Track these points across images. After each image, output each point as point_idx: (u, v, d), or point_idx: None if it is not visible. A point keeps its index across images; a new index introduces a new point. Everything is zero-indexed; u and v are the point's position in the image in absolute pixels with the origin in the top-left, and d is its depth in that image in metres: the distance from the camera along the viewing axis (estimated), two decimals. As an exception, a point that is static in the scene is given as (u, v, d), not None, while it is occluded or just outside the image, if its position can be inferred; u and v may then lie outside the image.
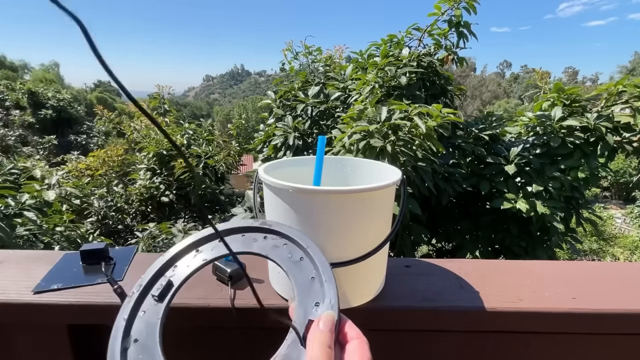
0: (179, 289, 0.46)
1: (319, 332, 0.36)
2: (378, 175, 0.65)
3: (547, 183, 2.51)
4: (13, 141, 15.92)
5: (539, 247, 2.71)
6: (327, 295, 0.40)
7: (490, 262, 0.72)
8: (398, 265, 0.68)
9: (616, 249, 12.08)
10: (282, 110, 3.61)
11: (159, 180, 4.21)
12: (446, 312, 0.57)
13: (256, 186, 0.62)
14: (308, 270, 0.43)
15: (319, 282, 0.41)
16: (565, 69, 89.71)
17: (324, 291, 0.40)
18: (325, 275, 0.41)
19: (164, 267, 0.47)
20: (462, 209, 3.05)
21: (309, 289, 0.41)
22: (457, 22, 2.91)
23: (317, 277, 0.42)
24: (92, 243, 0.71)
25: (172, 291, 0.45)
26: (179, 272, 0.47)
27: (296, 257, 0.45)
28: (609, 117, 2.56)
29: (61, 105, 26.19)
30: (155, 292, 0.44)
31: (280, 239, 0.47)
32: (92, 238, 3.26)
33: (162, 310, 0.43)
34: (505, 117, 3.21)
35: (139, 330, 0.41)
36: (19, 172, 3.09)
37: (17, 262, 0.68)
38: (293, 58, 3.93)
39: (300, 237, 0.46)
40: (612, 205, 20.86)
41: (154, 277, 0.46)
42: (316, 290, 0.41)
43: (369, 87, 2.81)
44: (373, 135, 2.14)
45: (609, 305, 0.57)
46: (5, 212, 2.13)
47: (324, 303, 0.39)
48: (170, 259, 0.48)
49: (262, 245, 0.47)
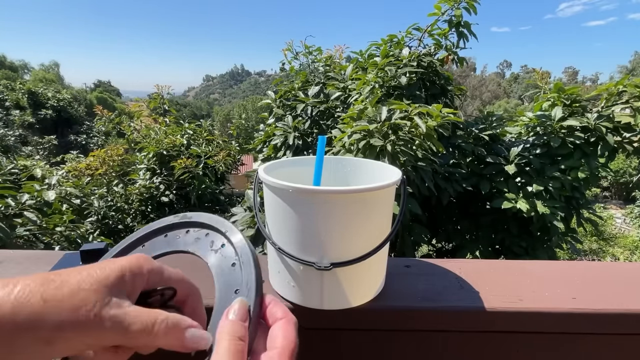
0: None
1: (228, 323, 0.32)
2: (378, 175, 0.65)
3: (547, 183, 2.51)
4: (13, 141, 15.93)
5: (539, 247, 2.72)
6: (243, 278, 0.36)
7: (490, 262, 0.72)
8: (398, 265, 0.68)
9: (616, 249, 12.08)
10: (282, 110, 3.61)
11: (159, 180, 4.21)
12: (446, 312, 0.57)
13: (256, 186, 0.62)
14: (229, 257, 0.40)
15: (239, 267, 0.38)
16: (565, 69, 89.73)
17: (242, 275, 0.37)
18: (243, 257, 0.38)
19: None
20: (462, 209, 3.05)
21: (229, 276, 0.38)
22: (458, 22, 2.92)
23: (237, 262, 0.38)
24: (92, 243, 0.71)
25: None
26: None
27: (217, 245, 0.41)
28: (609, 117, 2.56)
29: (61, 105, 26.20)
30: None
31: (201, 230, 0.44)
32: (92, 238, 3.26)
33: None
34: (505, 117, 3.21)
35: None
36: (19, 172, 3.09)
37: (17, 262, 0.68)
38: (293, 58, 3.93)
39: (221, 222, 0.42)
40: (612, 205, 20.86)
41: None
42: (236, 277, 0.38)
43: (369, 87, 2.81)
44: (373, 134, 2.14)
45: (609, 305, 0.57)
46: (5, 212, 2.13)
47: (241, 289, 0.36)
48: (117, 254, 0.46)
49: (184, 241, 0.44)
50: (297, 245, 0.52)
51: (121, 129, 4.85)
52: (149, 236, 0.45)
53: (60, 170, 3.79)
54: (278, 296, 0.58)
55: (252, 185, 2.71)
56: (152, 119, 5.11)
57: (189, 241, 0.43)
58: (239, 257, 0.38)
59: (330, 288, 0.53)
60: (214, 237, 0.42)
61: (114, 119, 5.03)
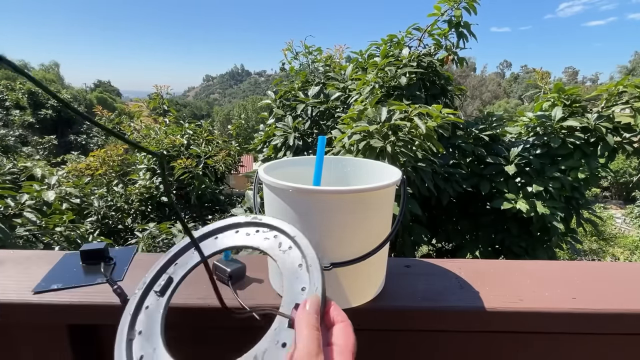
0: (179, 284, 0.48)
1: (306, 314, 0.36)
2: (378, 175, 0.65)
3: (547, 183, 2.51)
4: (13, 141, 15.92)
5: (539, 247, 2.71)
6: (312, 279, 0.41)
7: (490, 262, 0.72)
8: (398, 265, 0.68)
9: (616, 249, 12.08)
10: (282, 110, 3.61)
11: (159, 180, 4.21)
12: (446, 312, 0.57)
13: (256, 186, 0.62)
14: (296, 258, 0.44)
15: (305, 268, 0.42)
16: (565, 69, 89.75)
17: (310, 276, 0.41)
18: (310, 260, 0.42)
19: (166, 265, 0.50)
20: (462, 209, 3.05)
21: (296, 275, 0.42)
22: (457, 22, 2.91)
23: (304, 264, 0.43)
24: (92, 243, 0.71)
25: (173, 286, 0.48)
26: (178, 269, 0.49)
27: (285, 246, 0.46)
28: (610, 117, 2.56)
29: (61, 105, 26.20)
30: (157, 287, 0.48)
31: (270, 231, 0.49)
32: (92, 238, 3.26)
33: (164, 304, 0.46)
34: (505, 117, 3.21)
35: (142, 322, 0.44)
36: (19, 172, 3.09)
37: (17, 262, 0.68)
38: (293, 58, 3.93)
39: (289, 227, 0.47)
40: (612, 205, 20.86)
41: (156, 275, 0.49)
42: (302, 276, 0.42)
43: (369, 87, 2.81)
44: (373, 135, 2.14)
45: (609, 305, 0.57)
46: (5, 213, 2.13)
47: (309, 288, 0.40)
48: (171, 257, 0.51)
49: (254, 239, 0.49)
50: (297, 245, 0.52)
51: (121, 129, 4.84)
52: (222, 230, 0.51)
53: (60, 171, 3.79)
54: (279, 296, 0.58)
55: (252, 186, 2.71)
56: (152, 119, 5.11)
57: (259, 240, 0.48)
58: (306, 259, 0.43)
59: (330, 288, 0.53)
60: (282, 239, 0.47)
61: (114, 119, 5.03)
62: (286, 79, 4.22)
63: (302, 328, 0.35)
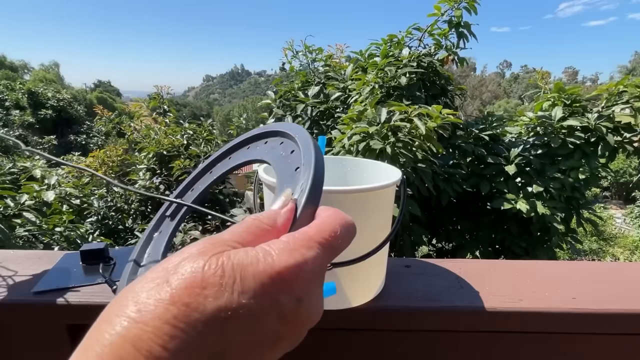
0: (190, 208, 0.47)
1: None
2: (378, 176, 0.65)
3: (547, 183, 2.52)
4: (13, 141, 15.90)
5: (539, 248, 2.72)
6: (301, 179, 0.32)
7: (490, 262, 0.72)
8: (398, 265, 0.67)
9: (616, 249, 12.08)
10: (282, 110, 3.61)
11: (159, 180, 4.21)
12: (446, 312, 0.57)
13: (256, 186, 0.62)
14: (296, 162, 0.37)
15: (302, 171, 0.35)
16: (565, 69, 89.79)
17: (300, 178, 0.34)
18: (305, 158, 0.35)
19: (181, 193, 0.50)
20: (463, 210, 3.05)
21: (291, 179, 0.35)
22: (458, 22, 2.92)
23: (301, 167, 0.35)
24: (92, 243, 0.71)
25: (183, 211, 0.47)
26: (192, 194, 0.49)
27: (287, 151, 0.40)
28: (610, 117, 2.56)
29: (61, 105, 26.20)
30: (168, 212, 0.47)
31: (278, 139, 0.43)
32: (92, 238, 3.26)
33: (172, 228, 0.45)
34: (506, 117, 3.21)
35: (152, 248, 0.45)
36: (19, 172, 3.09)
37: (17, 262, 0.68)
38: (293, 57, 3.93)
39: (294, 129, 0.41)
40: (612, 205, 20.86)
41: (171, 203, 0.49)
42: (297, 180, 0.34)
43: (369, 87, 2.81)
44: (373, 136, 2.14)
45: (609, 305, 0.57)
46: (5, 213, 2.13)
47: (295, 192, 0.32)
48: (185, 185, 0.50)
49: (261, 151, 0.44)
50: (297, 246, 0.52)
51: (121, 129, 4.85)
52: (235, 148, 0.48)
53: (60, 171, 3.79)
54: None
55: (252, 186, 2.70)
56: (152, 119, 5.11)
57: (265, 151, 0.43)
58: (303, 162, 0.35)
59: (330, 288, 0.53)
60: (287, 144, 0.41)
61: (114, 119, 5.03)
62: (286, 79, 4.22)
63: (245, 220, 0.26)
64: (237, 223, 0.26)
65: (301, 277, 0.22)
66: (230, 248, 0.22)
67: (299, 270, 0.22)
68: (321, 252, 0.24)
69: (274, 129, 0.43)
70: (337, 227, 0.26)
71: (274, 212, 0.27)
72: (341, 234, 0.26)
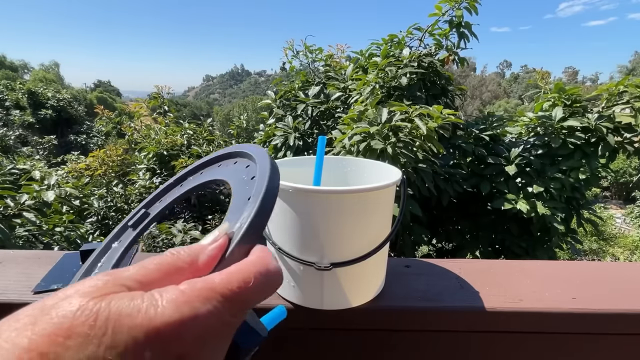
0: (154, 219, 0.44)
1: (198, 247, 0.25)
2: (378, 176, 0.65)
3: (547, 183, 2.51)
4: (13, 141, 15.93)
5: (539, 248, 2.72)
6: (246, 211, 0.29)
7: (490, 262, 0.72)
8: (398, 265, 0.67)
9: (616, 249, 12.08)
10: (282, 110, 3.61)
11: (159, 180, 4.21)
12: (446, 312, 0.57)
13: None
14: (251, 190, 0.33)
15: (251, 202, 0.31)
16: (565, 69, 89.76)
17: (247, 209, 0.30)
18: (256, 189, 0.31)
19: (149, 203, 0.46)
20: (463, 210, 3.05)
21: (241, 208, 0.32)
22: (458, 22, 2.92)
23: (252, 197, 0.32)
24: (92, 243, 0.71)
25: (147, 221, 0.43)
26: (159, 205, 0.45)
27: (249, 176, 0.37)
28: (610, 117, 2.56)
29: (61, 105, 26.19)
30: (130, 221, 0.43)
31: (245, 161, 0.40)
32: (92, 238, 3.26)
33: (131, 238, 0.40)
34: (506, 117, 3.21)
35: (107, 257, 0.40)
36: (19, 172, 3.09)
37: (17, 262, 0.68)
38: (293, 57, 3.93)
39: (258, 153, 0.38)
40: (612, 205, 20.85)
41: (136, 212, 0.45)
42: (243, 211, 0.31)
43: (370, 87, 2.81)
44: (373, 136, 2.14)
45: (609, 305, 0.57)
46: (5, 213, 2.13)
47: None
48: (154, 195, 0.47)
49: (228, 171, 0.41)
50: (297, 245, 0.52)
51: (121, 129, 4.85)
52: (207, 164, 0.45)
53: (60, 171, 3.79)
54: (279, 297, 0.58)
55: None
56: (152, 119, 5.11)
57: (231, 171, 0.41)
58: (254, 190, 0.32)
59: (330, 288, 0.53)
60: (252, 169, 0.37)
61: (114, 118, 5.03)
62: (286, 78, 4.22)
63: None
64: (160, 255, 0.24)
65: (185, 334, 0.19)
66: (123, 289, 0.20)
67: (182, 327, 0.19)
68: (221, 305, 0.21)
69: (242, 150, 0.41)
70: (251, 276, 0.22)
71: (199, 247, 0.25)
72: (256, 285, 0.22)
